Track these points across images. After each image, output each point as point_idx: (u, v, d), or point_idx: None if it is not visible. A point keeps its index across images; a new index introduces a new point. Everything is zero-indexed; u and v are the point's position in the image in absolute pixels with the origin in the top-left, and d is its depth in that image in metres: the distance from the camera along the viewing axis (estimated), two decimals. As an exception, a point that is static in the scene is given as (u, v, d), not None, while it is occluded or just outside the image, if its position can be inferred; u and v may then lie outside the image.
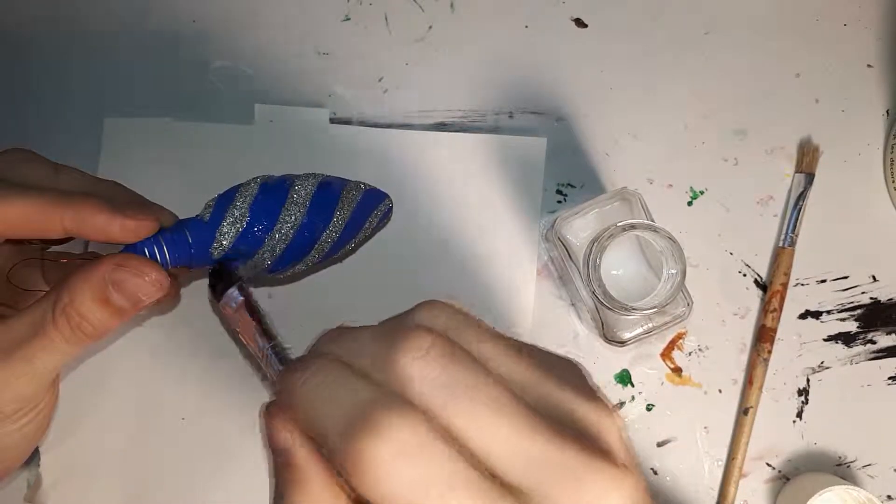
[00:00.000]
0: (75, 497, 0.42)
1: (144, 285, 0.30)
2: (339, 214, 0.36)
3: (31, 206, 0.30)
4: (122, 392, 0.43)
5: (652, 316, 0.40)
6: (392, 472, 0.20)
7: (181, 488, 0.43)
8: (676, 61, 0.47)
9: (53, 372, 0.31)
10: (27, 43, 0.46)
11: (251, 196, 0.34)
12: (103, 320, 0.30)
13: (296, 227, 0.35)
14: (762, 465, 0.45)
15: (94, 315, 0.30)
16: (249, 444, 0.43)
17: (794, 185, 0.46)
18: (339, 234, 0.37)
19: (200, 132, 0.45)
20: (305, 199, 0.35)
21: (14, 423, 0.32)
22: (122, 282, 0.30)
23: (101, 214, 0.31)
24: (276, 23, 0.47)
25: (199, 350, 0.44)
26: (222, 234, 0.33)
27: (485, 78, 0.47)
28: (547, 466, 0.21)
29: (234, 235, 0.34)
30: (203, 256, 0.33)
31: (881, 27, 0.48)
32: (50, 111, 0.46)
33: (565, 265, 0.42)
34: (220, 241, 0.33)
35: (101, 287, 0.30)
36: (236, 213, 0.34)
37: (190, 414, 0.43)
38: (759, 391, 0.44)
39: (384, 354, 0.22)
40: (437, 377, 0.21)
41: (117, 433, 0.43)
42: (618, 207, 0.41)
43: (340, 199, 0.37)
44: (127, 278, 0.30)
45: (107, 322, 0.30)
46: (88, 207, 0.31)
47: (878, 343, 0.46)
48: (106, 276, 0.30)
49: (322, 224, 0.36)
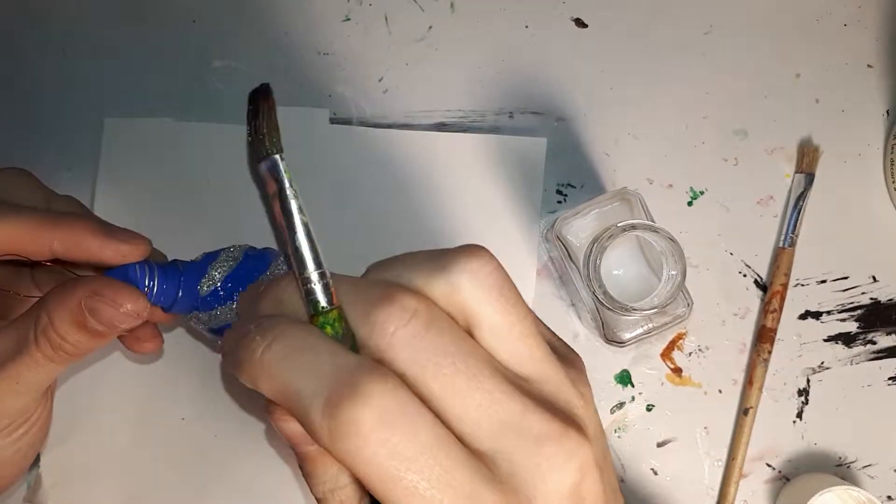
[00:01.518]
0: (75, 497, 0.42)
1: (119, 316, 0.30)
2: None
3: (23, 224, 0.30)
4: (121, 393, 0.43)
5: (652, 316, 0.40)
6: (375, 439, 0.20)
7: (182, 488, 0.43)
8: (676, 62, 0.47)
9: (42, 387, 0.31)
10: (27, 43, 0.46)
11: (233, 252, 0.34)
12: (82, 342, 0.30)
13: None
14: (762, 466, 0.45)
15: (73, 337, 0.29)
16: (249, 443, 0.43)
17: (795, 186, 0.46)
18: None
19: (200, 132, 0.45)
20: None
21: (7, 436, 0.31)
22: (97, 310, 0.29)
23: (95, 237, 0.31)
24: (276, 23, 0.47)
25: (197, 349, 0.44)
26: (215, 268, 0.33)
27: (485, 78, 0.47)
28: (513, 431, 0.21)
29: (226, 272, 0.33)
30: (190, 291, 0.32)
31: (881, 27, 0.48)
32: (50, 112, 0.46)
33: (565, 265, 0.42)
34: (211, 276, 0.33)
35: (78, 311, 0.29)
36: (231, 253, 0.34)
37: (189, 414, 0.43)
38: (759, 391, 0.44)
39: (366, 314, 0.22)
40: (417, 343, 0.21)
41: (117, 434, 0.43)
42: (618, 208, 0.41)
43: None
44: (102, 308, 0.29)
45: (86, 343, 0.30)
46: (81, 228, 0.31)
47: (878, 343, 0.46)
48: (82, 302, 0.29)
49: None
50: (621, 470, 0.45)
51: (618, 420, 0.45)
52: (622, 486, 0.44)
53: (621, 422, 0.45)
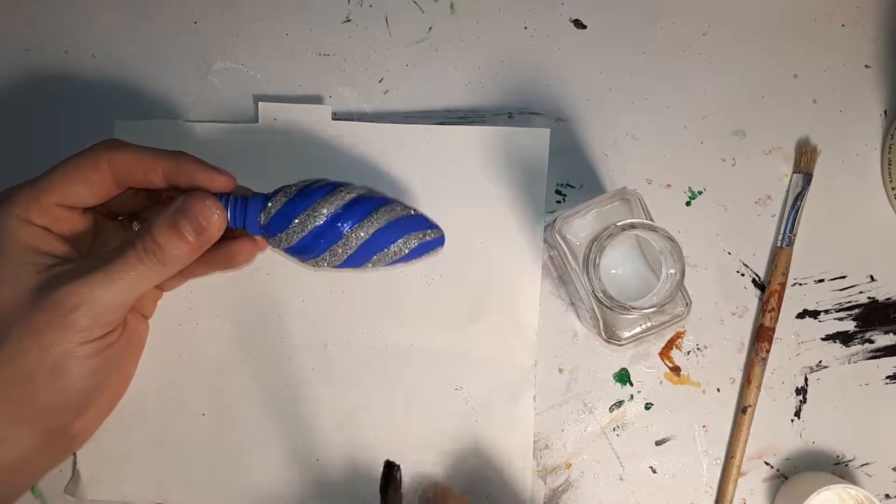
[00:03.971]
0: (111, 490, 0.44)
1: (203, 207, 0.37)
2: (372, 218, 0.39)
3: (138, 153, 0.37)
4: (144, 389, 0.44)
5: (651, 315, 0.41)
6: None
7: (207, 482, 0.44)
8: (675, 62, 0.47)
9: (128, 294, 0.36)
10: (34, 49, 0.46)
11: (304, 182, 0.39)
12: (170, 243, 0.36)
13: (326, 216, 0.38)
14: (760, 464, 0.45)
15: (164, 237, 0.36)
16: (265, 434, 0.44)
17: (792, 185, 0.46)
18: (367, 238, 0.39)
19: (208, 132, 0.45)
20: (345, 196, 0.39)
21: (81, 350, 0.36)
22: (186, 208, 0.37)
23: (194, 162, 0.38)
24: (277, 25, 0.47)
25: (210, 348, 0.44)
26: (272, 204, 0.39)
27: (485, 78, 0.47)
28: None
29: (279, 205, 0.38)
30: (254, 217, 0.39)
31: (879, 28, 0.48)
32: (61, 116, 0.46)
33: (565, 265, 0.42)
34: (269, 210, 0.38)
35: (172, 215, 0.36)
36: (288, 191, 0.39)
37: (209, 410, 0.44)
38: (757, 390, 0.45)
39: None
40: None
41: (143, 430, 0.44)
42: (617, 207, 0.41)
43: (379, 208, 0.39)
44: (190, 204, 0.37)
45: (173, 245, 0.36)
46: (182, 156, 0.38)
47: (875, 342, 0.46)
48: (177, 206, 0.37)
49: (352, 221, 0.39)
50: (620, 468, 0.45)
51: (617, 418, 0.45)
52: (621, 483, 0.45)
53: (620, 420, 0.45)
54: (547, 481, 0.45)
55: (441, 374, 0.44)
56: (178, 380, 0.44)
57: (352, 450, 0.44)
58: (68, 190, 0.37)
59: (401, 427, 0.44)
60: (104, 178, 0.37)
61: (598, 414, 0.45)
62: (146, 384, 0.44)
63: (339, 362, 0.44)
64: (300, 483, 0.44)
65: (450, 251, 0.44)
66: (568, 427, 0.45)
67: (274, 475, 0.44)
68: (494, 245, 0.45)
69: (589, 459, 0.45)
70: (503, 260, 0.45)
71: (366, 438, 0.44)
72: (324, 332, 0.45)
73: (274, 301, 0.45)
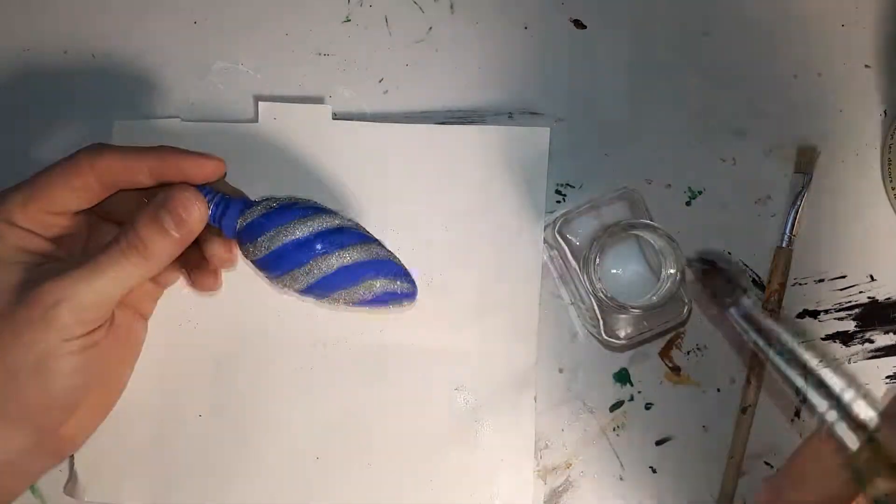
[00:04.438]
0: (109, 492, 0.43)
1: (183, 199, 0.36)
2: (344, 252, 0.38)
3: (121, 155, 0.37)
4: (141, 391, 0.44)
5: (651, 315, 0.41)
6: None
7: (204, 483, 0.44)
8: (675, 62, 0.47)
9: (112, 290, 0.36)
10: (34, 49, 0.46)
11: (292, 199, 0.39)
12: (152, 236, 0.36)
13: (298, 237, 0.38)
14: (761, 464, 0.45)
15: (146, 230, 0.36)
16: (264, 435, 0.44)
17: (792, 185, 0.46)
18: (333, 271, 0.38)
19: (208, 132, 0.45)
20: (325, 223, 0.38)
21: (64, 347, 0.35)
22: (167, 200, 0.36)
23: (179, 153, 0.38)
24: (276, 24, 0.47)
25: (208, 348, 0.44)
26: (252, 211, 0.38)
27: (485, 78, 0.47)
28: None
29: (257, 214, 0.38)
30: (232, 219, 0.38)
31: (879, 28, 0.48)
32: (60, 116, 0.46)
33: (565, 265, 0.42)
34: (247, 216, 0.38)
35: (154, 208, 0.36)
36: (272, 203, 0.38)
37: (206, 410, 0.44)
38: (757, 390, 0.45)
39: None
40: None
41: (141, 431, 0.44)
42: (617, 207, 0.41)
43: (356, 245, 0.38)
44: (171, 196, 0.37)
45: (155, 239, 0.36)
46: (167, 150, 0.38)
47: (875, 342, 0.46)
48: (158, 200, 0.37)
49: (323, 249, 0.38)
50: (620, 468, 0.45)
51: (617, 419, 0.45)
52: (621, 483, 0.45)
53: (620, 420, 0.45)
54: (547, 481, 0.45)
55: (441, 374, 0.44)
56: (177, 380, 0.44)
57: (352, 450, 0.44)
58: (53, 197, 0.37)
59: (400, 427, 0.44)
60: (88, 183, 0.37)
61: (598, 414, 0.45)
62: (145, 384, 0.43)
63: (339, 362, 0.44)
64: (300, 483, 0.44)
65: (450, 251, 0.44)
66: (568, 427, 0.45)
67: (273, 475, 0.44)
68: (494, 245, 0.45)
69: (589, 459, 0.45)
70: (503, 260, 0.45)
71: (365, 438, 0.44)
72: (323, 332, 0.45)
73: (274, 301, 0.45)
